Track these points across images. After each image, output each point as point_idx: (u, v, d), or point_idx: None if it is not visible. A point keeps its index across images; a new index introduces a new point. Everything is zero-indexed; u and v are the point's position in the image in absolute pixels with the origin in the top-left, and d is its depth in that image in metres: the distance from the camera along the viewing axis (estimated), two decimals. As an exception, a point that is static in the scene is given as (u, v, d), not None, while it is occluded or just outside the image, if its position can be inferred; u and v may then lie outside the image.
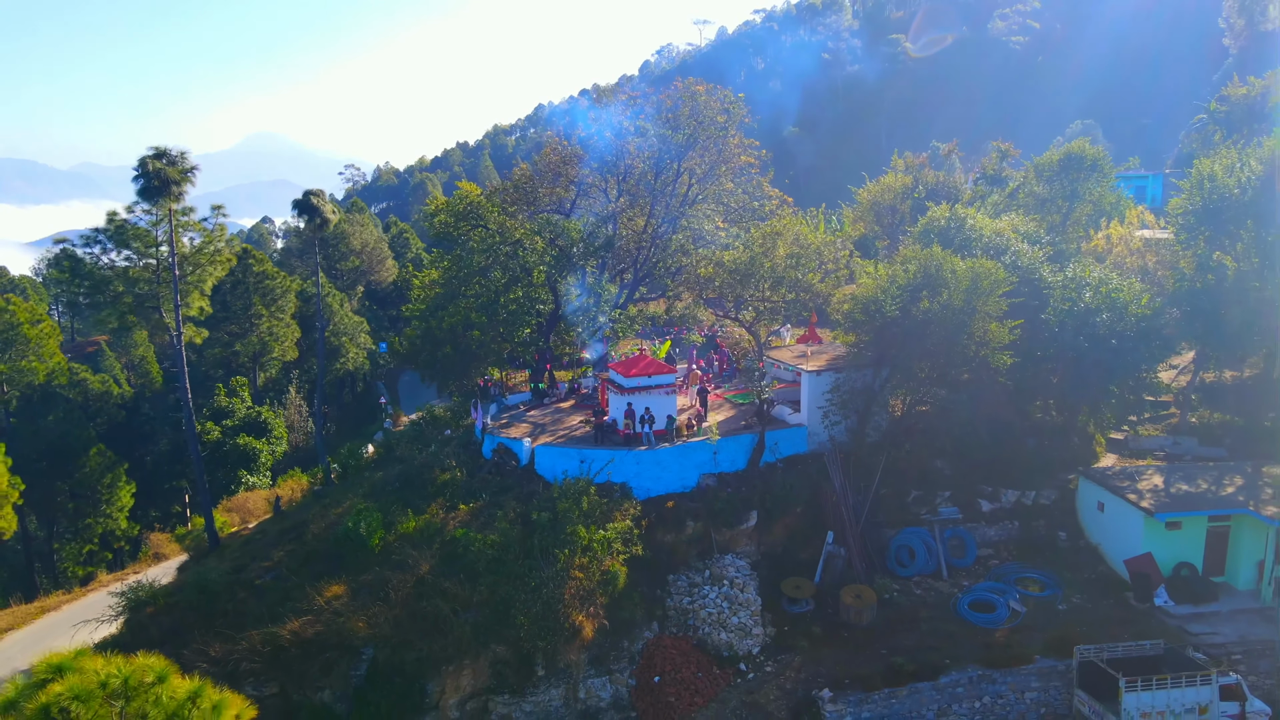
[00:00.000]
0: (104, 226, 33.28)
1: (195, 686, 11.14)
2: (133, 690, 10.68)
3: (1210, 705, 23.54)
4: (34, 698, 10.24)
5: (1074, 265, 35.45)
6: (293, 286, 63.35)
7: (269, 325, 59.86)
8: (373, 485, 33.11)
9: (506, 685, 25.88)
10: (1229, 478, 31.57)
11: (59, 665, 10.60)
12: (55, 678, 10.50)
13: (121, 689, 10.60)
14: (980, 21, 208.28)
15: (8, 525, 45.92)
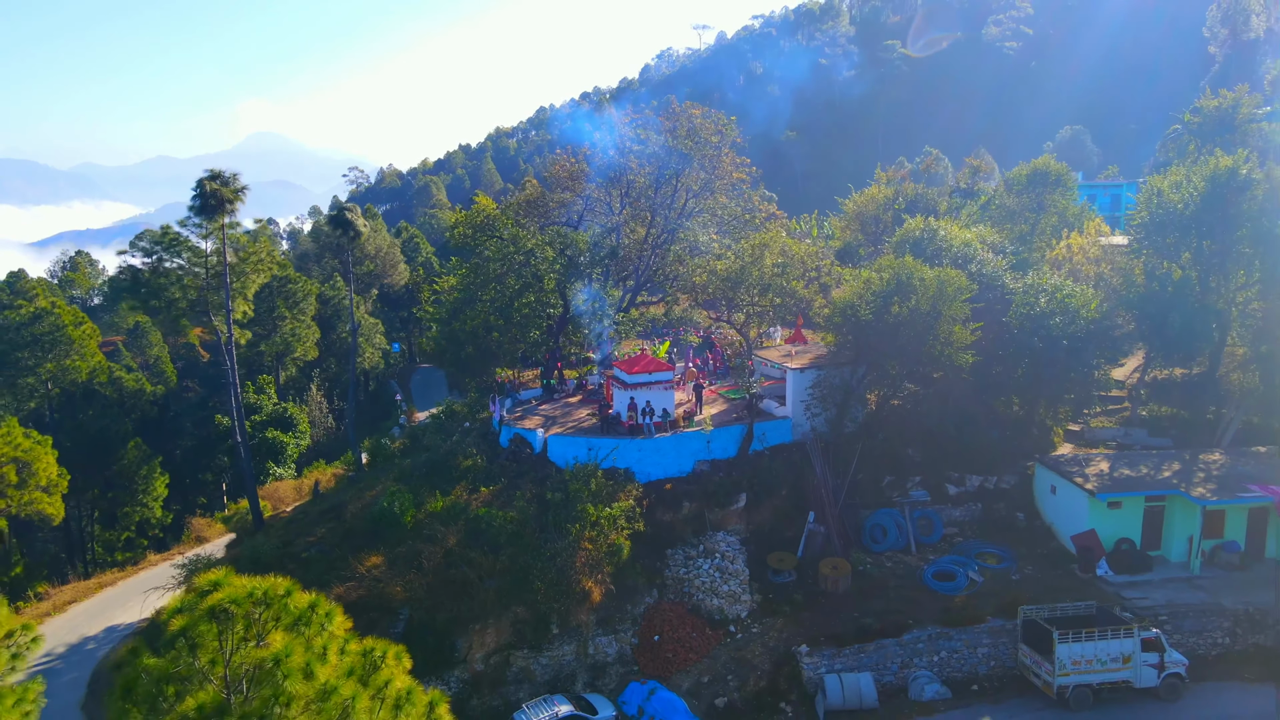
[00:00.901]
0: (159, 239, 36.98)
1: (312, 599, 14.87)
2: (270, 599, 14.44)
3: (1133, 655, 27.30)
4: (201, 602, 13.98)
5: (1034, 273, 39.25)
6: (313, 290, 67.07)
7: (291, 326, 63.55)
8: (402, 471, 36.93)
9: (525, 641, 29.67)
10: (1167, 463, 35.38)
11: (215, 581, 14.31)
12: (213, 589, 14.24)
13: (263, 597, 14.36)
14: (975, 26, 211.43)
15: (57, 512, 49.63)
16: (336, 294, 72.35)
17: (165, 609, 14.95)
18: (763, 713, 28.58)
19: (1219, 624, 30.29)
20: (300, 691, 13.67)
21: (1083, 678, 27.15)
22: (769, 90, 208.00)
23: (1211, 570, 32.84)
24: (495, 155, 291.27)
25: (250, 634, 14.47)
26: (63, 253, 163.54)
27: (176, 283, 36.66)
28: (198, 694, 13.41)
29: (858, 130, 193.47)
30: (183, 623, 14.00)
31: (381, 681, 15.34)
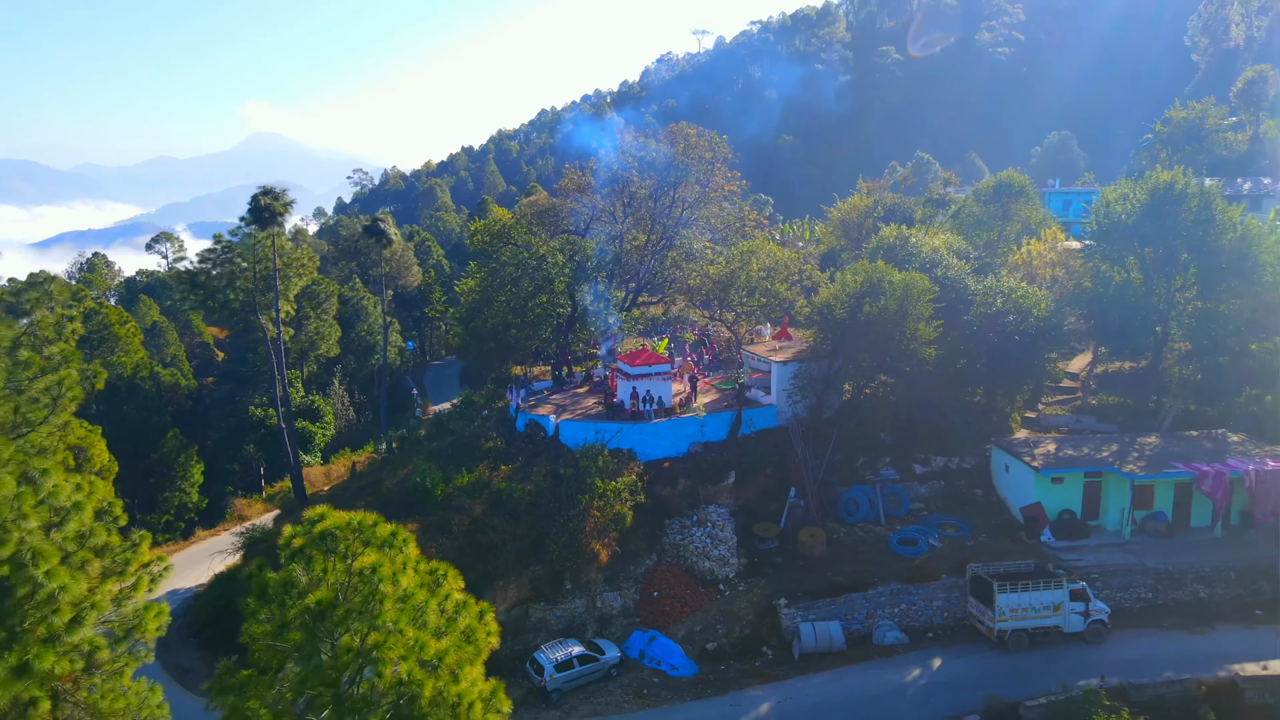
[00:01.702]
0: (213, 248, 41.61)
1: (393, 528, 19.42)
2: (362, 527, 19.04)
3: (1062, 604, 31.92)
4: (313, 529, 18.57)
5: (993, 276, 43.89)
6: (334, 291, 71.63)
7: (316, 325, 68.11)
8: (430, 452, 41.60)
9: (543, 596, 34.35)
10: (1107, 445, 40.01)
11: (321, 514, 18.93)
12: (321, 519, 18.84)
13: (356, 526, 18.96)
14: (969, 32, 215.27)
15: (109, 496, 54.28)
16: (355, 294, 76.95)
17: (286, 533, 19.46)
18: (747, 655, 33.25)
19: (1143, 581, 34.92)
20: (389, 593, 18.35)
21: (1019, 623, 31.80)
22: (766, 95, 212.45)
23: (1141, 537, 37.50)
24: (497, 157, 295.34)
25: (347, 553, 19.09)
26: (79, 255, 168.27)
27: (230, 285, 41.26)
28: (315, 593, 18.06)
29: (853, 134, 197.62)
30: (301, 542, 18.63)
31: (444, 593, 19.96)
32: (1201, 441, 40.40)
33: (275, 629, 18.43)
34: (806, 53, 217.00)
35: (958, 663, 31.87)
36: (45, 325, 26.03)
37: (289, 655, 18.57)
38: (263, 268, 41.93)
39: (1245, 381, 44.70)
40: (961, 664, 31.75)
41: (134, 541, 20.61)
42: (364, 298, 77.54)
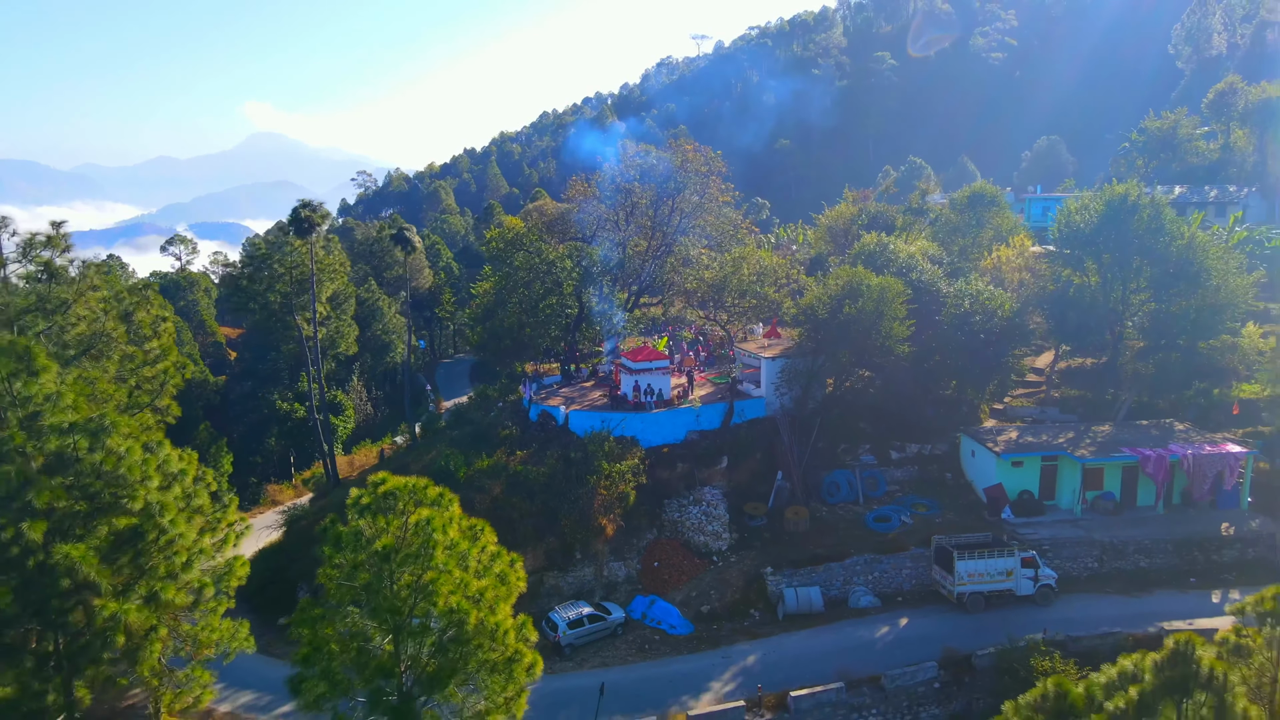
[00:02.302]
0: (255, 255, 45.87)
1: (441, 490, 23.66)
2: (415, 488, 23.28)
3: (1014, 570, 36.18)
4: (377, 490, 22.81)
5: (963, 280, 48.15)
6: (353, 293, 75.77)
7: (336, 325, 72.24)
8: (451, 439, 45.88)
9: (556, 565, 38.62)
10: (1064, 433, 44.31)
11: (384, 478, 23.18)
12: (382, 483, 23.08)
13: (411, 488, 23.20)
14: (962, 38, 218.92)
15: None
16: (371, 296, 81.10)
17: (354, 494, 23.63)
18: (736, 616, 37.54)
19: (1089, 553, 39.21)
20: (440, 541, 22.59)
21: (976, 587, 36.07)
22: (764, 100, 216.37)
23: (1091, 514, 41.79)
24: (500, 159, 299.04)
25: (404, 509, 23.30)
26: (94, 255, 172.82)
27: (270, 288, 45.51)
28: (381, 540, 22.29)
29: (849, 138, 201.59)
30: (368, 500, 22.87)
31: (482, 544, 24.23)
32: (1149, 430, 44.69)
33: (347, 571, 22.65)
34: (804, 58, 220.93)
35: (922, 621, 36.17)
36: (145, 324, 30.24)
37: (357, 593, 22.81)
38: (299, 272, 46.21)
39: (1195, 376, 49.07)
40: (925, 622, 36.05)
41: (224, 504, 24.89)
42: (379, 299, 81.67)
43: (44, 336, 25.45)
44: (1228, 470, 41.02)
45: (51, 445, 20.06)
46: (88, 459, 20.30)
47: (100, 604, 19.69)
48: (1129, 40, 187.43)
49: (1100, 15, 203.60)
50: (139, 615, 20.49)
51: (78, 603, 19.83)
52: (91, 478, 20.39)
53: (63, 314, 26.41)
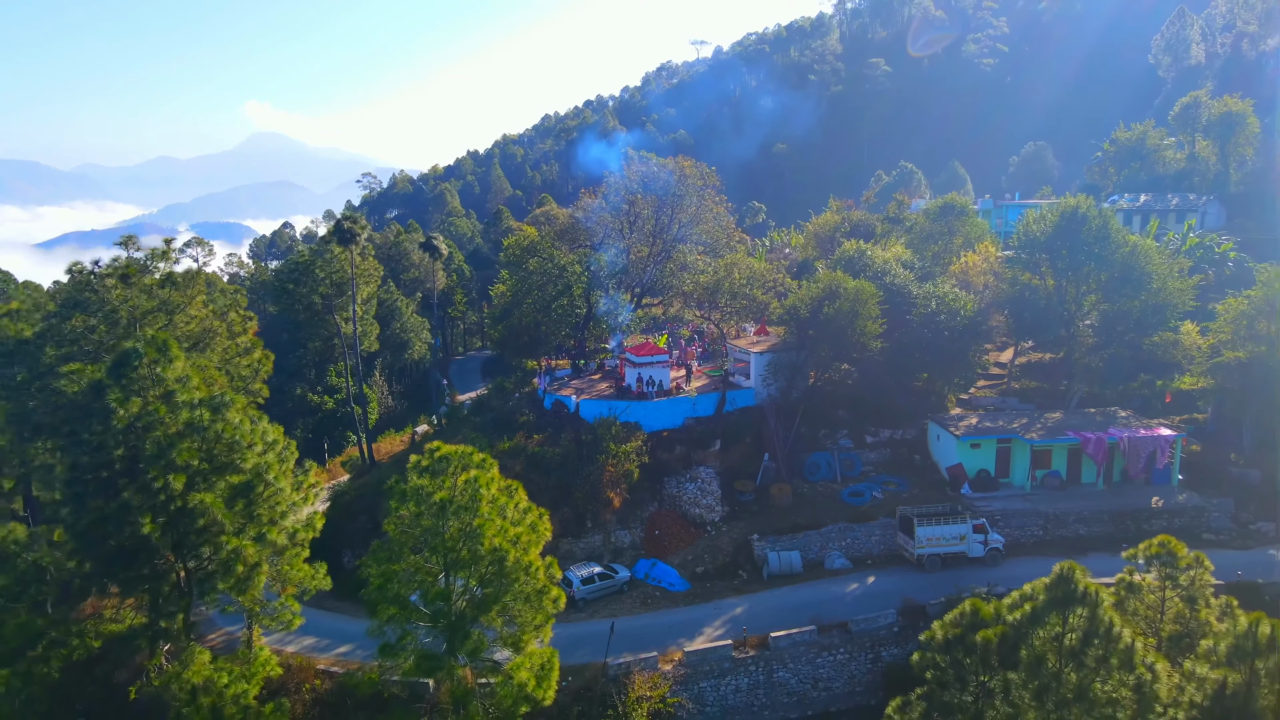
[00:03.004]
0: (300, 261, 51.46)
1: (483, 456, 29.31)
2: (462, 454, 28.93)
3: (966, 535, 41.82)
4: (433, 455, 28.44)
5: (932, 283, 53.79)
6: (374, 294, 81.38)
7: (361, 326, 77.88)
8: (475, 425, 51.54)
9: (570, 533, 44.26)
10: (1019, 419, 49.97)
11: (438, 446, 28.84)
12: (437, 450, 28.73)
13: (461, 454, 28.84)
14: (954, 45, 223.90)
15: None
16: (390, 296, 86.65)
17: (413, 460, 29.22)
18: (726, 576, 43.24)
19: (1035, 522, 44.89)
20: (485, 495, 28.26)
21: (933, 550, 41.72)
22: (762, 104, 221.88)
23: (1040, 490, 47.46)
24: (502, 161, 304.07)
25: (454, 470, 28.89)
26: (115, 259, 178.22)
27: (314, 290, 51.14)
28: (439, 493, 27.90)
29: (844, 142, 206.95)
30: (426, 463, 28.48)
31: (516, 500, 29.89)
32: (1094, 416, 50.36)
33: (410, 519, 28.28)
34: (800, 64, 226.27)
35: (887, 579, 41.82)
36: (236, 323, 35.77)
37: (418, 537, 28.40)
38: (338, 276, 51.85)
39: (1140, 369, 54.81)
40: (889, 580, 41.71)
41: (305, 468, 30.50)
42: (398, 299, 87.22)
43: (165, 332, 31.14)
44: (1159, 451, 46.71)
45: (184, 416, 25.70)
46: (211, 428, 25.96)
47: (225, 539, 25.34)
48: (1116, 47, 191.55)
49: (1090, 22, 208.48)
50: (252, 550, 26.14)
51: (207, 539, 25.49)
52: (214, 442, 26.05)
53: (181, 313, 32.11)
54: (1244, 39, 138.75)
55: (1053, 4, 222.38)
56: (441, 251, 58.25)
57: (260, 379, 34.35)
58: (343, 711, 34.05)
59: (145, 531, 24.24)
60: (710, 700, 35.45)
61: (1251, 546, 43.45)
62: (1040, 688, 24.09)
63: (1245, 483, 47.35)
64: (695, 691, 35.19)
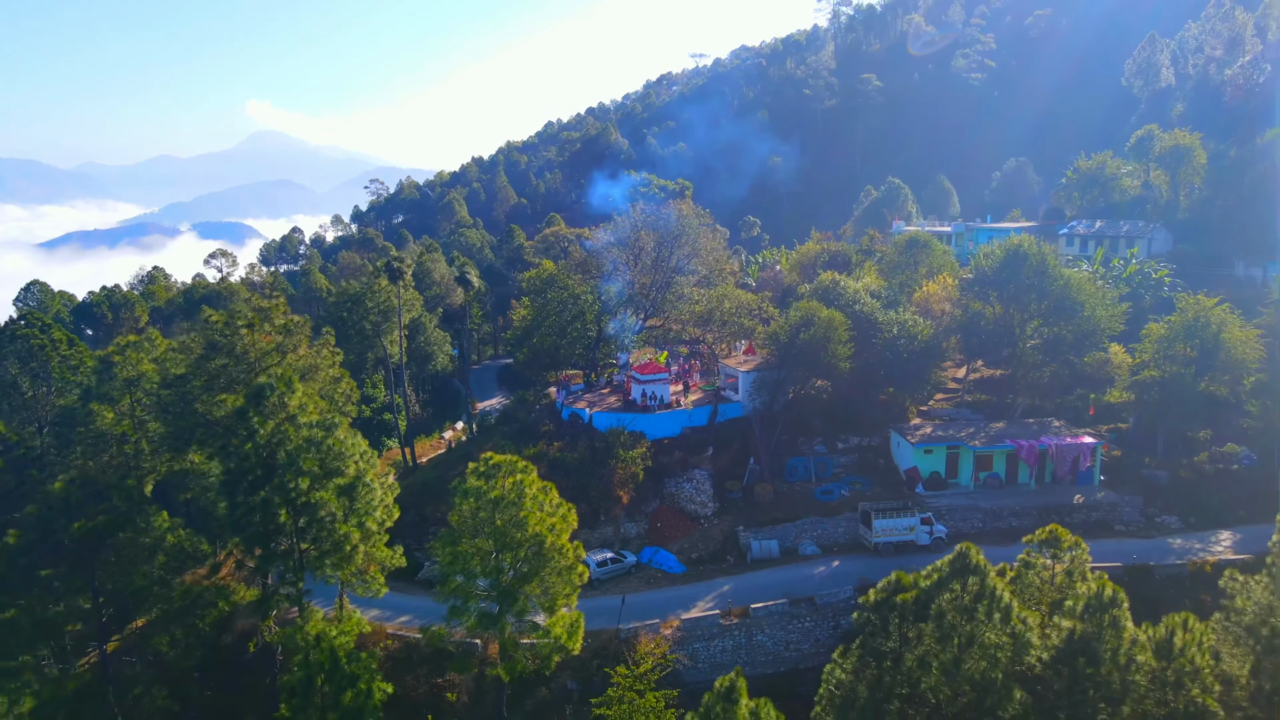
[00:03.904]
0: (352, 294, 60.05)
1: (525, 463, 37.88)
2: (511, 461, 37.55)
3: (915, 526, 50.44)
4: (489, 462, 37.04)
5: (893, 311, 62.41)
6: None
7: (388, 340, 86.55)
8: (503, 434, 60.20)
9: (586, 525, 52.77)
10: (965, 429, 58.60)
11: (490, 455, 37.43)
12: (489, 459, 37.34)
13: (509, 461, 37.43)
14: (945, 59, 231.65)
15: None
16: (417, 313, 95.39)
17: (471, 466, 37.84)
18: (717, 561, 51.91)
19: (976, 516, 53.53)
20: (528, 493, 36.89)
21: (888, 539, 50.35)
22: (759, 117, 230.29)
23: (982, 489, 56.11)
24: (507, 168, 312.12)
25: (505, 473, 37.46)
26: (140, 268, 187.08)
27: (364, 318, 59.75)
28: (493, 491, 36.46)
29: (837, 155, 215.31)
30: (482, 468, 37.09)
31: (550, 497, 38.48)
32: (1032, 426, 59.02)
33: (471, 510, 36.84)
34: (796, 78, 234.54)
35: (848, 563, 50.49)
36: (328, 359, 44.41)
37: (477, 525, 36.96)
38: (384, 305, 60.49)
39: (1076, 384, 63.52)
40: (851, 564, 50.37)
41: (385, 472, 39.00)
42: (422, 315, 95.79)
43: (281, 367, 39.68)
44: (1083, 456, 55.42)
45: (304, 434, 34.34)
46: (324, 443, 34.60)
47: (337, 526, 33.99)
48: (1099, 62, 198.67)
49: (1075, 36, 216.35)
50: (356, 535, 34.78)
51: (323, 526, 34.12)
52: (326, 454, 34.69)
53: (293, 353, 40.68)
54: (1211, 63, 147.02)
55: (1039, 20, 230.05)
56: (474, 285, 66.74)
57: (351, 403, 43.00)
58: (409, 664, 42.80)
59: (281, 520, 32.90)
60: (702, 658, 44.12)
61: (1154, 536, 52.20)
62: (943, 635, 32.66)
63: (1155, 483, 56.04)
64: (690, 650, 43.89)
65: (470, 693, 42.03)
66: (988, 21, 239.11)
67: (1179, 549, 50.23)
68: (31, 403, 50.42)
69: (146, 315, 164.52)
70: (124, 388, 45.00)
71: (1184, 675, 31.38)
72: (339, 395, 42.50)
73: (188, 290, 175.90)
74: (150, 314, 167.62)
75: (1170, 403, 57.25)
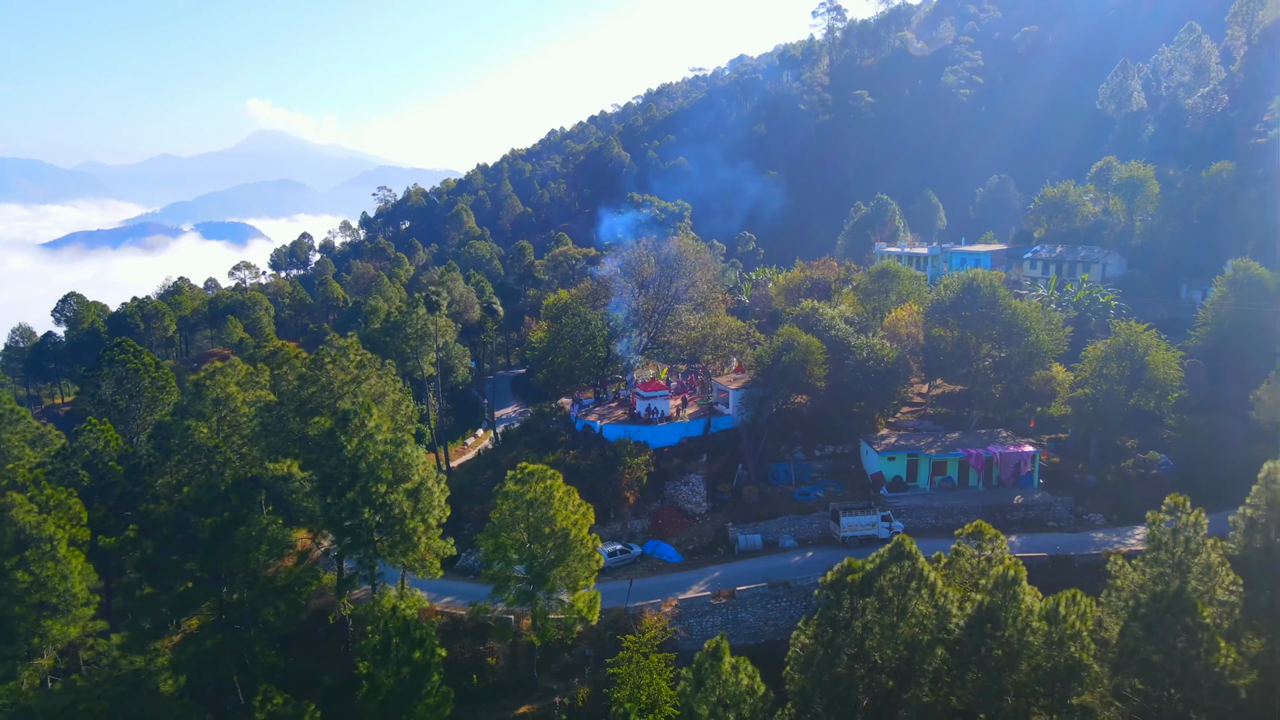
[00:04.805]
0: (396, 321, 69.26)
1: (554, 471, 47.03)
2: (543, 469, 46.75)
3: (877, 522, 59.67)
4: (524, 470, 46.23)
5: (864, 336, 71.63)
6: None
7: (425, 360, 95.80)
8: (525, 443, 69.45)
9: (598, 521, 61.75)
10: (924, 439, 67.87)
11: (525, 465, 46.60)
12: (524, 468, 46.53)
13: (542, 469, 46.63)
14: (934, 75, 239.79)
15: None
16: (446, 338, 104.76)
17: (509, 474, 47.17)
18: (709, 552, 61.14)
19: (930, 514, 62.76)
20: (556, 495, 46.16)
21: (854, 533, 59.59)
22: (755, 131, 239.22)
23: (938, 491, 65.36)
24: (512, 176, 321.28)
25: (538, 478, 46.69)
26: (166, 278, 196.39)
27: (404, 342, 68.98)
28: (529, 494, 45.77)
29: (831, 169, 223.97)
30: (520, 475, 46.47)
31: (573, 499, 47.82)
32: (982, 436, 68.28)
33: (509, 509, 46.06)
34: (792, 93, 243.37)
35: (821, 554, 59.69)
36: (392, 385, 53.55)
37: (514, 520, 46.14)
38: (421, 330, 69.72)
39: (1025, 399, 72.76)
40: (823, 555, 59.56)
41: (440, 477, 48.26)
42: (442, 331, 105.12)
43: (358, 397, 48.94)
44: (1023, 463, 64.69)
45: (381, 449, 43.58)
46: (396, 455, 43.85)
47: (408, 521, 43.25)
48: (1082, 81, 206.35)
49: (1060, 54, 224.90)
50: (421, 529, 44.04)
51: (397, 522, 43.38)
52: (398, 464, 43.94)
53: (366, 382, 49.90)
54: (1180, 88, 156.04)
55: (1026, 36, 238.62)
56: (499, 313, 75.90)
57: (411, 423, 52.13)
58: (455, 635, 52.03)
59: (365, 516, 42.18)
60: (695, 632, 53.34)
61: (1081, 531, 61.43)
62: (882, 607, 41.81)
63: (1085, 485, 65.31)
64: (686, 625, 53.15)
65: (506, 658, 51.32)
66: (976, 38, 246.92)
67: (1099, 541, 59.44)
68: (127, 417, 59.53)
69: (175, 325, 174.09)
70: (213, 407, 54.27)
71: (1067, 637, 40.59)
72: (401, 416, 51.76)
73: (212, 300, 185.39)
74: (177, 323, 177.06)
75: (1102, 416, 66.47)
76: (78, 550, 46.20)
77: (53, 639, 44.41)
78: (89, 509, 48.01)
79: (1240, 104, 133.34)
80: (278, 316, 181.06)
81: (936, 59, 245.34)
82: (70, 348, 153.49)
